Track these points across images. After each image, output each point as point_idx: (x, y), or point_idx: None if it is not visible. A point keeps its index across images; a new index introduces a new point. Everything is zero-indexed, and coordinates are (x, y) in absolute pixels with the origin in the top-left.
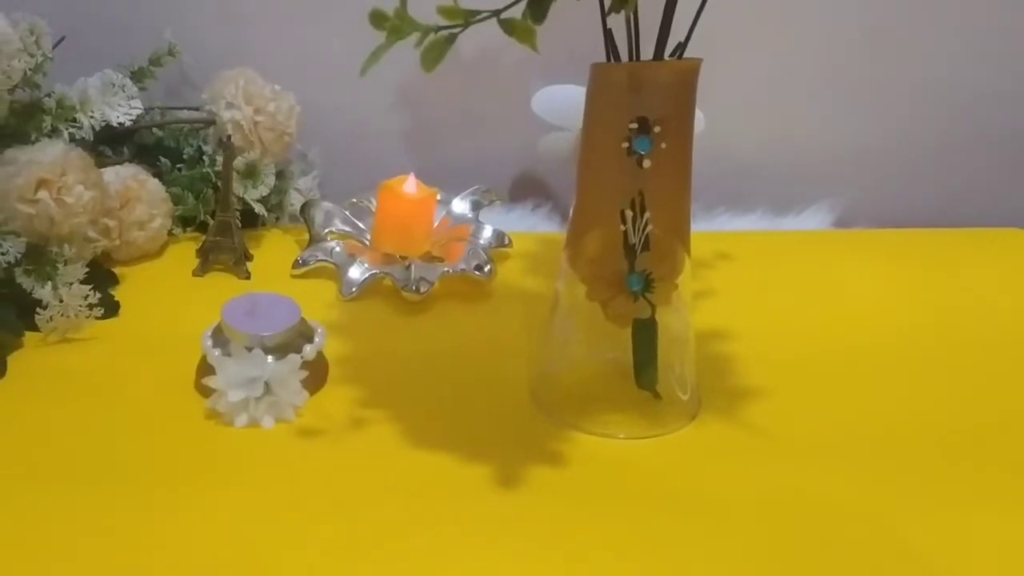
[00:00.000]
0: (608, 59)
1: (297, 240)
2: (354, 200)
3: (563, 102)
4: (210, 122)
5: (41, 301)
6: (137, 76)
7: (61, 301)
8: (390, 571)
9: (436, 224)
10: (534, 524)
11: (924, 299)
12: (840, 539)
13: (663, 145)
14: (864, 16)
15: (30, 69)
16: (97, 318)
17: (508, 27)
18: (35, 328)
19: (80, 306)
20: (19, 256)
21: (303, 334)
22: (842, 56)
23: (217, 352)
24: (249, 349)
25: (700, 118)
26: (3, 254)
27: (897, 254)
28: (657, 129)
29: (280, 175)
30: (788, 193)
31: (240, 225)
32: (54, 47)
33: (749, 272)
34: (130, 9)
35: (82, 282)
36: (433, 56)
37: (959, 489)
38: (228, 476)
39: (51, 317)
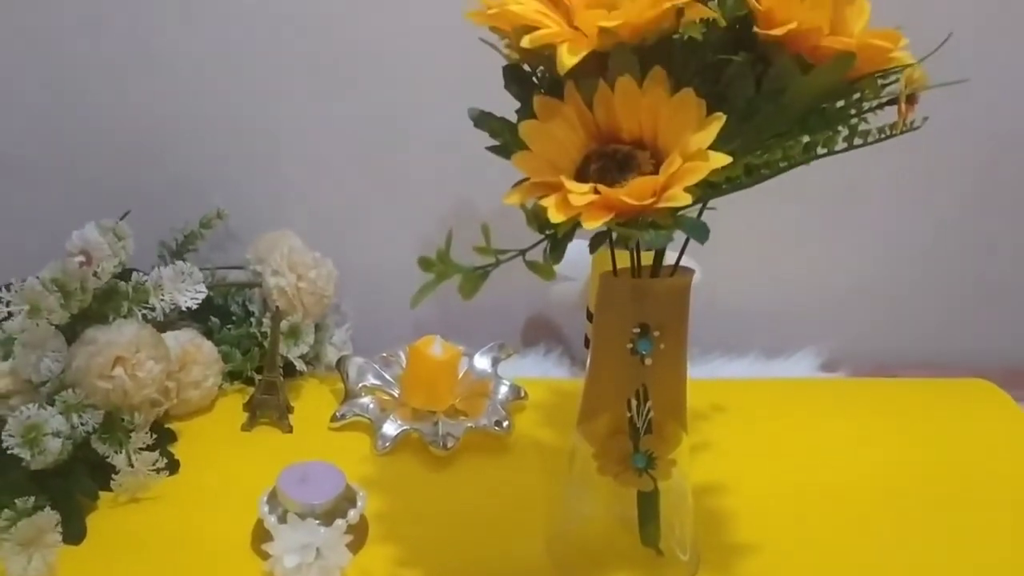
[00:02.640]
0: (614, 271)
1: (332, 390)
2: (384, 354)
3: (571, 255)
4: (256, 284)
5: (114, 466)
6: (189, 239)
7: (132, 466)
8: None
9: (460, 376)
10: None
11: (899, 450)
12: None
13: (662, 346)
14: (841, 177)
15: (114, 266)
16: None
17: (531, 267)
18: (107, 488)
19: (148, 470)
20: (96, 426)
21: (347, 498)
22: (824, 208)
23: (273, 519)
24: (302, 517)
25: (695, 268)
26: (83, 425)
27: (874, 403)
28: (656, 333)
29: (317, 327)
30: (778, 336)
31: (283, 381)
32: (120, 219)
33: (742, 424)
34: (180, 172)
35: (148, 446)
36: (470, 288)
37: None
38: None
39: (121, 481)
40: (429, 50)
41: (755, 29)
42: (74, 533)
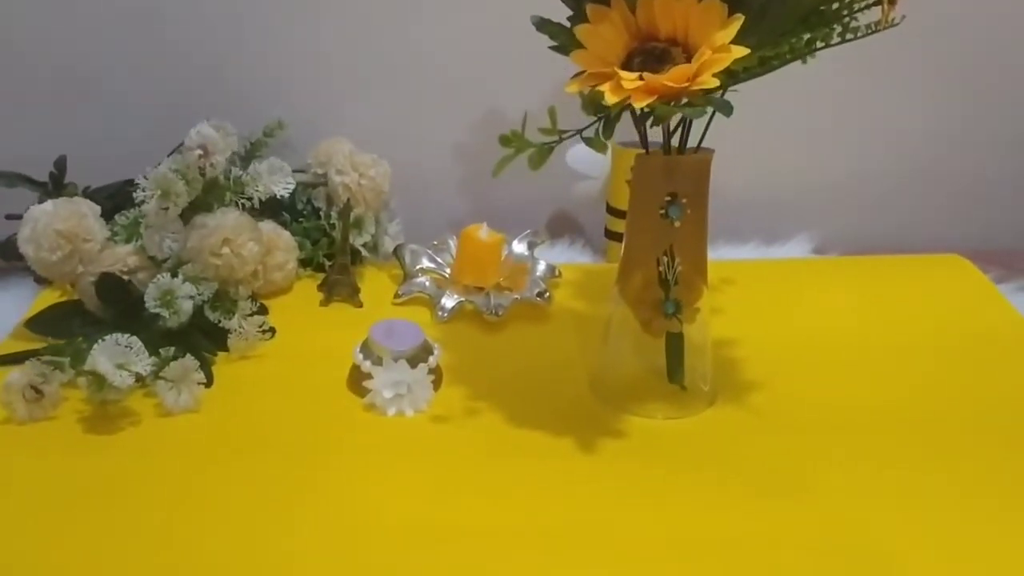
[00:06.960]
0: (646, 151)
1: (390, 275)
2: (435, 242)
3: (592, 156)
4: (320, 184)
5: (225, 330)
6: (256, 146)
7: (242, 329)
8: (496, 511)
9: (503, 259)
10: (596, 478)
11: (881, 314)
12: (823, 492)
13: (688, 211)
14: (835, 81)
15: (226, 159)
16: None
17: (588, 142)
18: (222, 348)
19: (256, 331)
20: (210, 296)
21: (426, 349)
22: (818, 108)
23: (368, 363)
24: (394, 360)
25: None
26: (200, 295)
27: (861, 276)
28: (684, 200)
29: (375, 220)
30: (775, 225)
31: (352, 265)
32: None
33: (748, 294)
34: (242, 88)
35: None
36: (538, 160)
37: (913, 453)
38: (386, 450)
39: (234, 341)
40: None
41: None
42: (206, 377)
